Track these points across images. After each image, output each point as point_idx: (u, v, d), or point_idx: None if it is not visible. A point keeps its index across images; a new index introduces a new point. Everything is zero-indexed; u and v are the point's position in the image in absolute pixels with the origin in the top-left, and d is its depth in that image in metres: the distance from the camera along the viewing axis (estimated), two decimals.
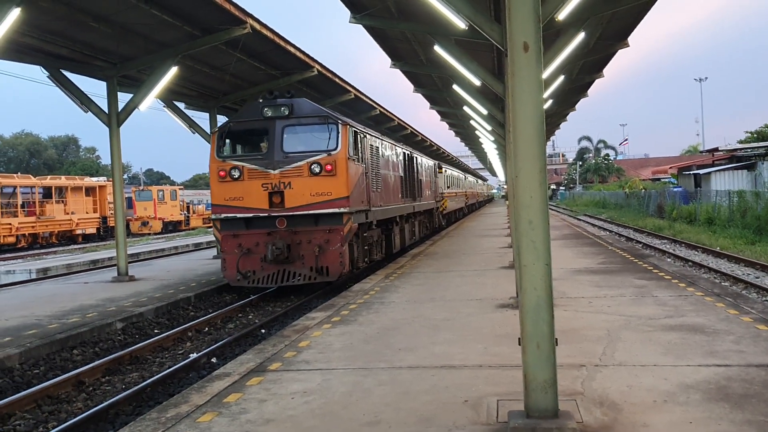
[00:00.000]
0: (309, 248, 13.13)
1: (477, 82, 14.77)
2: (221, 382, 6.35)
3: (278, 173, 13.15)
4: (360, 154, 14.33)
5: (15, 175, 40.82)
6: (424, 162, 26.01)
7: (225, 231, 13.39)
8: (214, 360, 9.27)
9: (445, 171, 34.46)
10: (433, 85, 21.34)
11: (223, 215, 13.37)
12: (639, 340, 7.09)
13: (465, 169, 59.37)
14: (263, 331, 11.10)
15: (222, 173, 13.36)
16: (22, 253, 32.12)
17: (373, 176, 15.53)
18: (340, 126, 13.36)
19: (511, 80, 4.62)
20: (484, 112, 18.67)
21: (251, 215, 13.26)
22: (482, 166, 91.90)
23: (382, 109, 26.99)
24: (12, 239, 34.45)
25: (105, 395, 7.92)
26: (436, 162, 30.83)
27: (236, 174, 13.29)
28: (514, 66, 4.59)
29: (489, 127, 22.11)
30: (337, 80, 20.31)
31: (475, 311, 9.37)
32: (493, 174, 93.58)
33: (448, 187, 35.24)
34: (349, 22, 12.63)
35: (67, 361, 9.32)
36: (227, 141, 13.92)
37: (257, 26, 14.15)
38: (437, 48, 12.13)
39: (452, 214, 37.96)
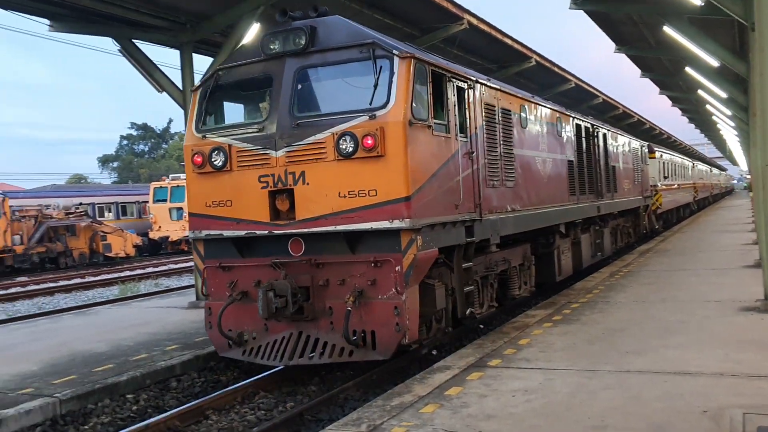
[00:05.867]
0: (341, 295, 7.35)
1: (714, 63, 13.58)
2: (442, 375, 6.48)
3: (284, 155, 7.46)
4: (453, 117, 8.10)
5: None
6: (621, 142, 18.33)
7: (210, 259, 8.07)
8: (434, 352, 9.48)
9: (661, 156, 26.88)
10: (663, 68, 20.00)
11: (203, 232, 8.01)
12: None
13: (695, 156, 54.37)
14: (481, 326, 11.13)
15: (198, 159, 7.91)
16: None
17: (492, 159, 9.19)
18: (396, 61, 7.20)
19: (758, 57, 4.14)
20: (723, 95, 17.16)
21: (244, 232, 7.74)
22: (720, 155, 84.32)
23: (605, 97, 25.83)
24: None
25: (335, 381, 8.45)
26: (644, 144, 22.86)
27: (219, 160, 7.79)
28: (763, 40, 4.11)
29: (729, 112, 20.27)
30: (556, 69, 19.82)
31: (713, 314, 8.57)
32: (734, 163, 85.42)
33: (665, 177, 27.67)
34: (570, 8, 12.23)
35: None
36: (214, 102, 8.33)
37: (474, 21, 14.25)
38: (667, 28, 11.38)
39: (673, 213, 30.35)
